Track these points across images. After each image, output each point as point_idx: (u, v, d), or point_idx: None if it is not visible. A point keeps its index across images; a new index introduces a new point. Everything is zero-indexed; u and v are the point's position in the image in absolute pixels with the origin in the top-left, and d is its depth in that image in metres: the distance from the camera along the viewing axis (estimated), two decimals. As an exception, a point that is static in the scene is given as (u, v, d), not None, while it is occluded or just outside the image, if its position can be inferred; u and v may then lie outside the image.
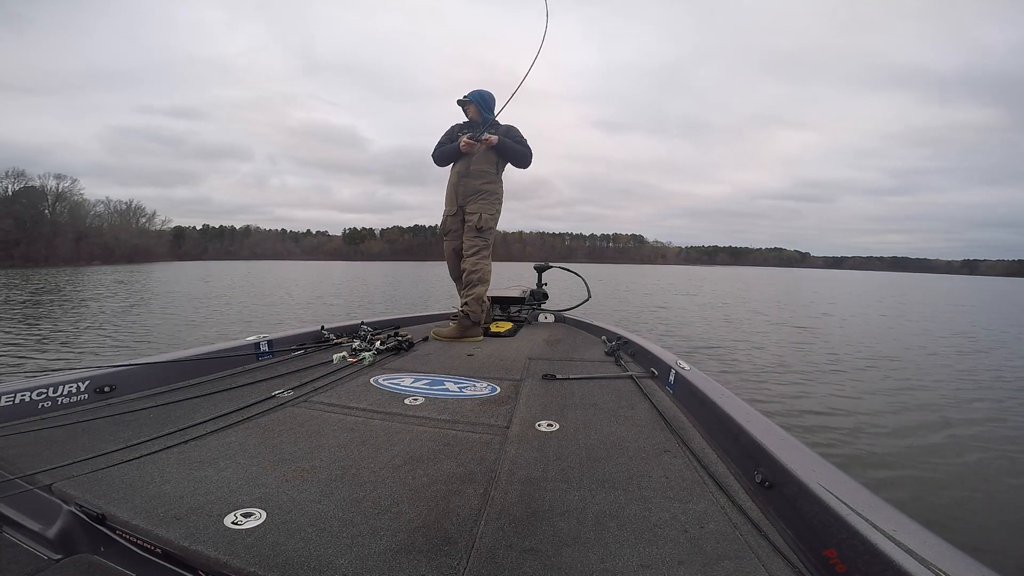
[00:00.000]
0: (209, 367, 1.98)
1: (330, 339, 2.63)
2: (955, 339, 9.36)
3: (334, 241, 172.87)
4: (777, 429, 1.16)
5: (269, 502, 0.96)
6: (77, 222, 63.63)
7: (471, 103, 3.17)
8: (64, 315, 10.32)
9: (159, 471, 1.09)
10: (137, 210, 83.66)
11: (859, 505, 0.80)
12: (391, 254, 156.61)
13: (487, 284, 3.16)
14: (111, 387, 1.63)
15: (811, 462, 0.98)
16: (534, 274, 4.09)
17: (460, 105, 3.24)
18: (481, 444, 1.30)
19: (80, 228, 62.67)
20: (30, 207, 56.78)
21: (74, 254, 56.93)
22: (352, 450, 1.24)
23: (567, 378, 2.00)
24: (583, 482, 1.09)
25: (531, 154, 3.17)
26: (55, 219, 60.35)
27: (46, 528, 0.96)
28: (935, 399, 4.94)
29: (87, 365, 1.76)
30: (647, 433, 1.40)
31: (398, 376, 2.00)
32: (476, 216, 3.11)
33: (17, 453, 1.17)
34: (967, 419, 4.28)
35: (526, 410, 1.60)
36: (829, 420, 4.15)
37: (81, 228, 62.98)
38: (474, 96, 3.16)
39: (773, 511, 0.97)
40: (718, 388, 1.53)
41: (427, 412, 1.56)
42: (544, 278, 4.05)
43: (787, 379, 5.64)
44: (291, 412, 1.55)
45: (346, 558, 0.79)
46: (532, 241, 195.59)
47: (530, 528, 0.90)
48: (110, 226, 72.87)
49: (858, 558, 0.73)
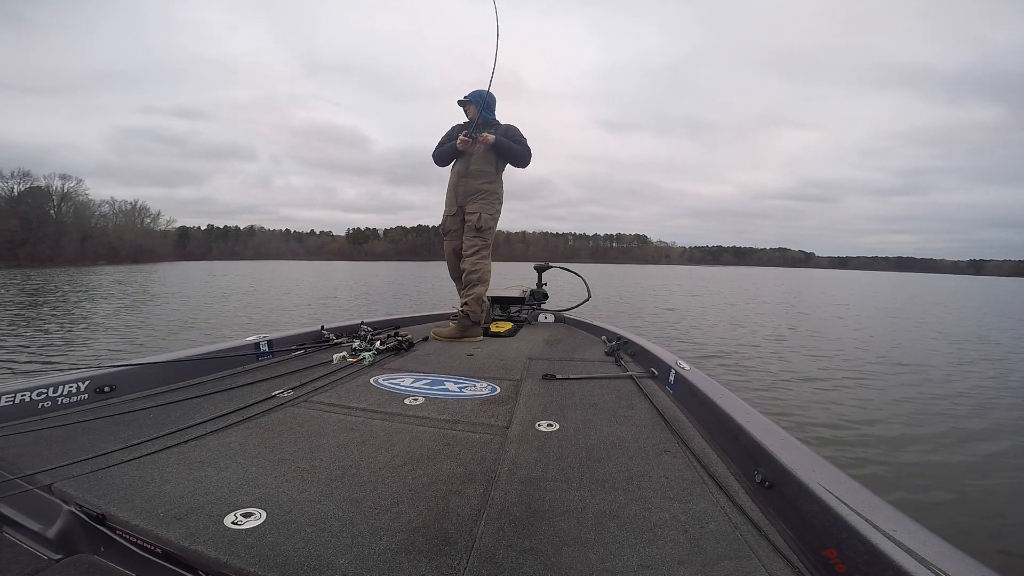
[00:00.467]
0: (209, 367, 1.97)
1: (330, 339, 2.62)
2: (981, 345, 8.79)
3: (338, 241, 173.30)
4: (777, 429, 1.16)
5: (269, 502, 0.95)
6: (82, 222, 63.85)
7: (471, 103, 3.17)
8: (57, 317, 10.14)
9: (159, 471, 1.09)
10: (142, 210, 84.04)
11: (859, 505, 0.80)
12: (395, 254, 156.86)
13: (487, 284, 3.15)
14: (111, 387, 1.63)
15: (811, 462, 0.97)
16: (534, 274, 4.07)
17: (461, 106, 3.24)
18: (481, 444, 1.30)
19: (85, 228, 62.91)
20: (36, 207, 57.01)
21: (79, 254, 57.04)
22: (352, 450, 1.24)
23: (567, 378, 1.99)
24: (583, 482, 1.09)
25: (530, 153, 3.16)
26: (60, 219, 60.60)
27: (46, 528, 0.96)
28: (979, 410, 4.51)
29: (87, 365, 1.76)
30: (647, 433, 1.40)
31: (398, 376, 2.00)
32: (476, 216, 3.10)
33: (17, 453, 1.17)
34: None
35: (526, 410, 1.60)
36: (865, 437, 3.75)
37: (86, 228, 63.24)
38: (474, 96, 3.16)
39: (773, 511, 0.97)
40: (718, 388, 1.52)
41: (427, 412, 1.56)
42: (544, 278, 4.04)
43: (815, 393, 5.02)
44: (291, 412, 1.54)
45: (346, 558, 0.78)
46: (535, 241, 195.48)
47: (530, 528, 0.90)
48: (115, 226, 73.16)
49: (858, 558, 0.72)
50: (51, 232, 56.01)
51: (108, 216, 74.84)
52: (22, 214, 53.03)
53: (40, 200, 59.23)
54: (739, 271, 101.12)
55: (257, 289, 19.15)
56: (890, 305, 18.10)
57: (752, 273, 77.77)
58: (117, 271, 36.34)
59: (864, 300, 20.62)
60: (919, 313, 15.17)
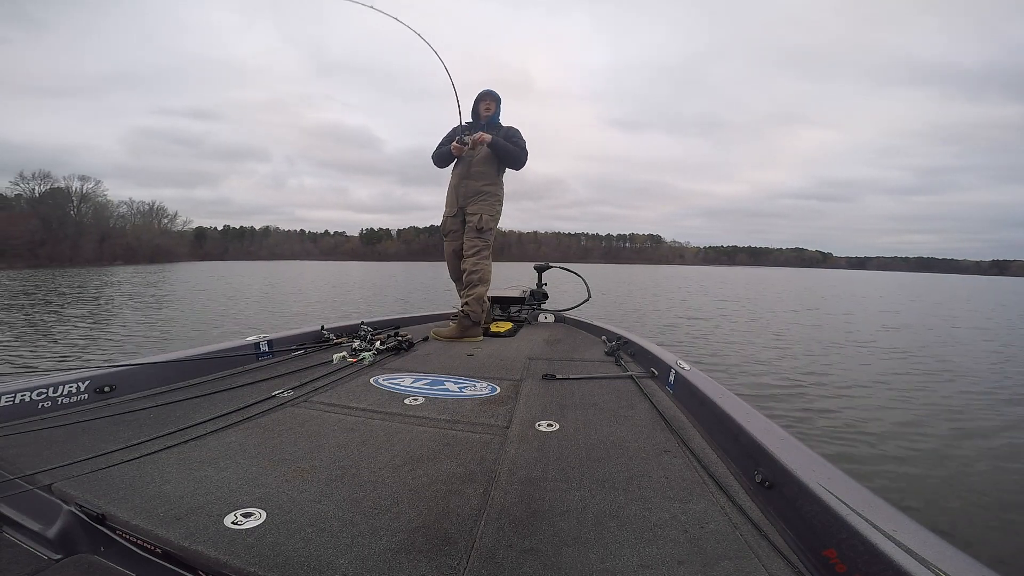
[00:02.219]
0: (209, 367, 1.96)
1: (330, 339, 2.61)
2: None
3: (352, 241, 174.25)
4: (777, 429, 1.15)
5: (269, 502, 0.95)
6: (101, 223, 64.44)
7: (494, 100, 3.19)
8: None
9: (159, 471, 1.09)
10: (159, 211, 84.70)
11: (859, 505, 0.79)
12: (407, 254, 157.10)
13: (487, 284, 3.15)
14: (111, 387, 1.62)
15: (811, 462, 0.97)
16: (534, 274, 4.06)
17: (478, 100, 3.21)
18: (481, 444, 1.30)
19: (104, 229, 63.48)
20: (56, 208, 57.49)
21: (97, 254, 57.63)
22: (352, 450, 1.23)
23: (567, 378, 1.98)
24: (583, 482, 1.09)
25: (525, 156, 3.16)
26: (80, 220, 61.17)
27: (46, 528, 0.95)
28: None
29: (87, 365, 1.79)
30: (647, 433, 1.40)
31: (398, 376, 1.99)
32: (477, 217, 3.10)
33: (17, 453, 1.17)
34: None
35: (526, 410, 1.59)
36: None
37: (105, 229, 63.83)
38: (497, 96, 3.19)
39: (773, 511, 0.96)
40: (718, 388, 1.51)
41: (427, 412, 1.55)
42: (544, 278, 4.03)
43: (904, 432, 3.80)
44: (291, 412, 1.54)
45: (346, 558, 0.78)
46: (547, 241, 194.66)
47: (530, 528, 0.90)
48: (132, 227, 73.87)
49: (858, 558, 0.72)
50: (71, 232, 56.55)
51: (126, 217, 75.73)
52: (43, 214, 53.48)
53: (60, 201, 59.86)
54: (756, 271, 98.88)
55: (295, 291, 19.45)
56: (942, 310, 15.79)
57: (772, 274, 74.44)
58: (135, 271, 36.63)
59: (903, 302, 18.64)
60: (981, 320, 13.09)
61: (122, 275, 28.30)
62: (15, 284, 20.21)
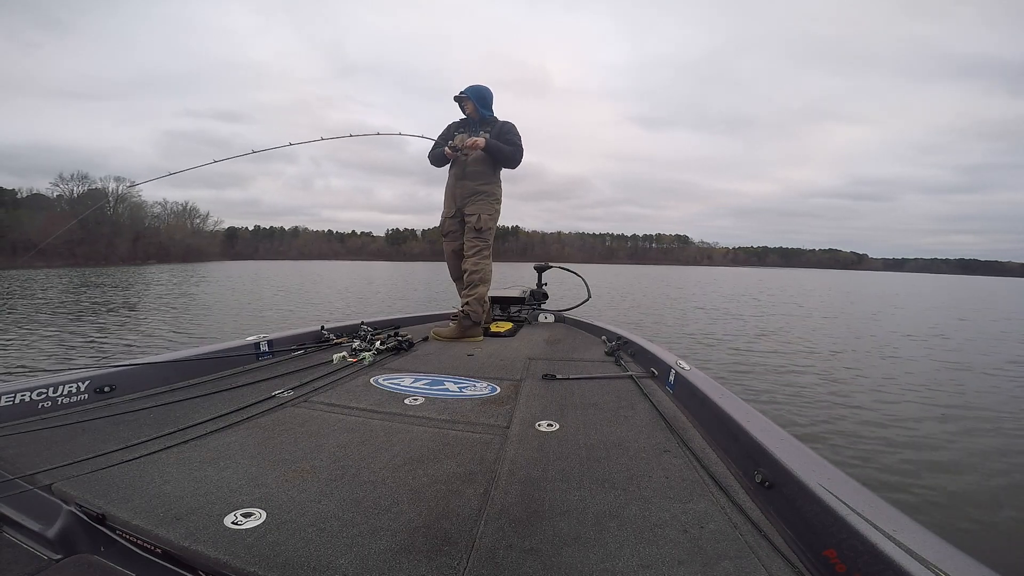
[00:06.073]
0: (209, 367, 1.96)
1: (330, 339, 2.60)
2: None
3: (377, 242, 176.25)
4: (777, 429, 1.14)
5: (269, 502, 0.95)
6: (136, 223, 65.87)
7: (468, 99, 3.11)
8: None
9: (159, 471, 1.08)
10: (192, 211, 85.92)
11: (859, 505, 0.79)
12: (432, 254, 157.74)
13: (488, 284, 3.13)
14: (111, 387, 1.61)
15: (811, 462, 0.96)
16: (534, 274, 4.05)
17: (457, 101, 3.18)
18: (481, 444, 1.29)
19: (139, 229, 64.93)
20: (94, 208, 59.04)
21: (131, 253, 58.80)
22: (352, 450, 1.23)
23: (567, 378, 1.98)
24: (583, 482, 1.08)
25: (521, 153, 3.11)
26: (116, 219, 62.56)
27: (46, 528, 0.94)
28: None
29: (87, 365, 1.77)
30: (647, 433, 1.39)
31: (398, 376, 1.98)
32: (475, 217, 3.08)
33: (17, 453, 1.16)
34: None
35: (526, 410, 1.58)
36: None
37: (139, 229, 65.30)
38: (471, 92, 3.10)
39: (773, 511, 0.95)
40: (718, 388, 1.50)
41: (427, 412, 1.54)
42: (544, 278, 4.01)
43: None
44: (291, 412, 1.53)
45: (346, 558, 0.78)
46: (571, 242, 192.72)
47: (530, 528, 0.89)
48: (166, 227, 75.38)
49: (858, 558, 0.72)
50: (107, 232, 57.82)
51: (160, 217, 77.25)
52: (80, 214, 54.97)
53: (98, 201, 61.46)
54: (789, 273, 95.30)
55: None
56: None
57: (808, 276, 70.96)
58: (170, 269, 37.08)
59: (981, 310, 16.30)
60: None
61: (164, 275, 29.03)
62: (75, 278, 21.76)
